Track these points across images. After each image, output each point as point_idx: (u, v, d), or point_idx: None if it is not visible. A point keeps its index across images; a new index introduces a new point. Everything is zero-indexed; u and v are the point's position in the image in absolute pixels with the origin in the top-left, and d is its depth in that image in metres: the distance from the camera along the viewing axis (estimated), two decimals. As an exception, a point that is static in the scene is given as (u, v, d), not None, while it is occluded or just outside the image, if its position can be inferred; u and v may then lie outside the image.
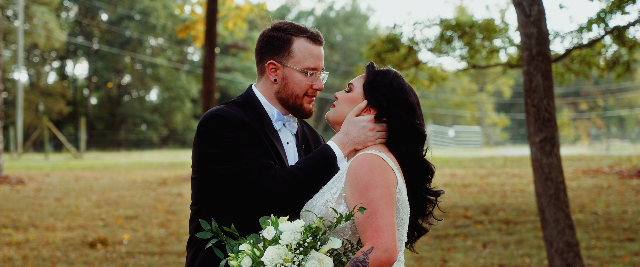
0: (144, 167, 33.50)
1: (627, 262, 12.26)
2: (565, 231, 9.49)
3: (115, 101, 71.51)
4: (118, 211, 18.47)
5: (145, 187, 23.47)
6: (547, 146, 9.50)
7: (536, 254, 12.99)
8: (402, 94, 4.06)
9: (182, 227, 16.21)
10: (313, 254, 3.68)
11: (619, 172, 24.57)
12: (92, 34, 70.80)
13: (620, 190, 20.25)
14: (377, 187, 3.76)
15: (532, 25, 9.51)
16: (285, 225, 3.76)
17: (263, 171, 3.98)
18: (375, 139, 4.06)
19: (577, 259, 9.54)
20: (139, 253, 13.76)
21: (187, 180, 25.24)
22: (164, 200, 20.30)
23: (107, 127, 69.25)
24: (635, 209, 17.04)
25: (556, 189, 9.51)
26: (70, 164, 35.91)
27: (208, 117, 4.12)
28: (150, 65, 70.88)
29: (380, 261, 3.64)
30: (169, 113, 69.71)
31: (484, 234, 14.91)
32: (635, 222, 15.42)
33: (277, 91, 4.27)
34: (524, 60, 9.57)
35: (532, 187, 20.79)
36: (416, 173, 4.09)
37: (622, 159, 30.98)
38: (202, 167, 4.14)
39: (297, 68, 4.21)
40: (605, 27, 16.42)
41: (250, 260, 3.74)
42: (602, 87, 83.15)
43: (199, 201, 4.22)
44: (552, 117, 9.54)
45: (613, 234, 14.47)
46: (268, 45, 4.27)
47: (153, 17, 67.74)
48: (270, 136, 4.19)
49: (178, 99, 69.40)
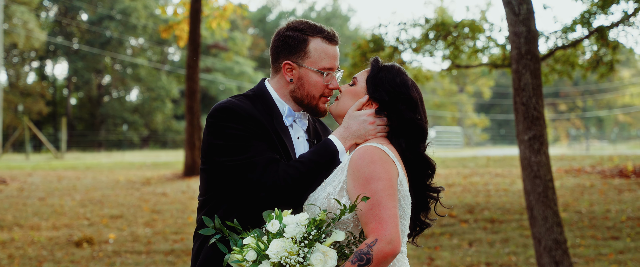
0: (126, 167, 33.39)
1: (613, 260, 12.34)
2: (554, 229, 9.54)
3: (95, 101, 71.15)
4: (103, 210, 18.42)
5: (129, 187, 23.41)
6: (536, 144, 9.54)
7: (522, 253, 13.06)
8: (404, 89, 4.07)
9: (167, 226, 16.19)
10: (317, 246, 3.69)
11: (600, 172, 24.74)
12: (72, 34, 70.43)
13: (602, 189, 20.39)
14: (379, 179, 3.77)
15: (521, 23, 9.55)
16: (289, 218, 3.77)
17: (267, 165, 3.99)
18: (375, 133, 4.07)
19: (565, 257, 9.59)
20: (126, 252, 13.74)
21: (171, 180, 25.20)
22: (148, 199, 20.25)
23: (87, 127, 68.90)
24: (618, 208, 17.16)
25: (544, 186, 9.56)
26: (52, 164, 35.74)
27: (217, 109, 4.13)
28: (131, 66, 70.60)
29: (384, 253, 3.64)
30: (150, 113, 69.43)
31: (469, 232, 14.98)
32: (619, 221, 15.53)
33: (292, 90, 4.27)
34: (513, 58, 9.61)
35: (516, 187, 20.95)
36: (417, 169, 4.11)
37: (604, 159, 31.18)
38: (209, 158, 4.15)
39: (313, 68, 4.20)
40: (588, 27, 16.53)
41: (255, 253, 3.74)
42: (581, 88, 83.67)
43: (207, 192, 4.22)
44: (540, 116, 9.59)
45: (597, 232, 14.58)
46: (284, 45, 4.25)
47: (134, 17, 67.48)
48: (279, 130, 4.19)
49: (159, 100, 69.13)
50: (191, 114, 25.90)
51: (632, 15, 16.18)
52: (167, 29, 27.69)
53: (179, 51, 73.91)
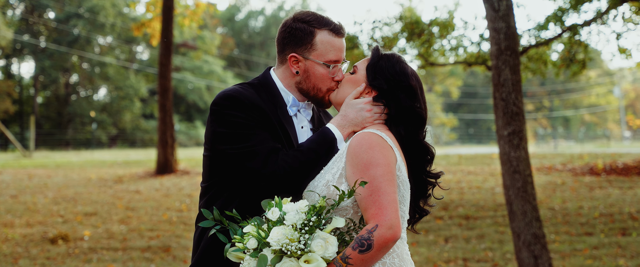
0: (97, 165, 33.18)
1: (588, 255, 12.47)
2: (533, 223, 9.61)
3: (62, 100, 70.56)
4: (76, 207, 18.30)
5: (101, 185, 23.27)
6: (515, 139, 9.59)
7: (498, 248, 13.15)
8: (403, 77, 4.09)
9: (142, 224, 16.13)
10: (318, 233, 3.71)
11: (571, 170, 24.96)
12: (39, 32, 69.82)
13: (574, 187, 20.58)
14: (377, 165, 3.79)
15: (500, 20, 9.60)
16: (289, 206, 3.79)
17: (268, 155, 4.00)
18: (373, 120, 4.09)
19: (544, 251, 9.66)
20: (102, 249, 13.67)
21: (143, 178, 25.09)
22: (122, 197, 20.15)
23: (54, 126, 68.30)
24: (590, 204, 17.32)
25: (524, 181, 9.62)
26: (22, 163, 35.45)
27: (221, 97, 4.12)
28: (99, 64, 70.10)
29: (385, 238, 3.66)
30: (118, 112, 69.00)
31: (444, 229, 15.06)
32: (592, 217, 15.68)
33: (298, 82, 4.26)
34: (493, 54, 9.65)
35: (488, 184, 21.09)
36: (416, 155, 4.13)
37: (574, 157, 31.47)
38: (212, 145, 4.15)
39: (320, 61, 4.20)
40: (561, 25, 16.67)
41: (256, 241, 3.75)
42: (548, 88, 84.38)
43: (209, 178, 4.23)
44: (520, 111, 9.64)
45: (571, 228, 14.71)
46: (290, 37, 4.26)
47: (102, 16, 67.03)
48: (283, 119, 4.19)
49: (127, 98, 68.73)
50: (164, 112, 25.75)
51: (604, 13, 16.35)
52: (139, 27, 27.56)
53: (148, 50, 73.57)
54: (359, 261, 3.67)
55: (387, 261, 3.83)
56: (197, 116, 74.48)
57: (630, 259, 12.11)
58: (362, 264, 3.68)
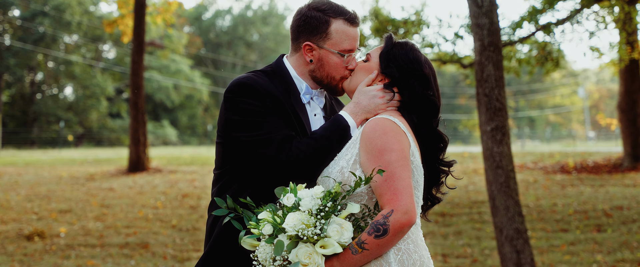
0: (67, 163, 32.93)
1: (565, 251, 12.59)
2: (515, 218, 9.67)
3: (28, 99, 69.86)
4: (50, 204, 18.16)
5: (73, 183, 23.09)
6: (498, 134, 9.65)
7: (476, 244, 13.24)
8: (416, 65, 4.10)
9: (118, 221, 16.06)
10: (333, 219, 3.72)
11: (543, 168, 25.17)
12: (4, 30, 69.06)
13: (546, 184, 20.76)
14: (392, 151, 3.80)
15: (484, 16, 9.64)
16: (304, 192, 3.80)
17: (283, 142, 4.00)
18: (385, 107, 4.09)
19: (526, 246, 9.73)
20: (79, 245, 13.57)
21: (115, 176, 24.94)
22: (96, 194, 20.01)
23: (19, 125, 67.61)
24: (564, 202, 17.49)
25: (506, 176, 9.67)
26: (-11, 161, 35.12)
27: (235, 84, 4.12)
28: (65, 63, 69.48)
29: (401, 223, 3.67)
30: (84, 111, 68.43)
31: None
32: (567, 214, 15.84)
33: (311, 70, 4.27)
34: (476, 50, 9.69)
35: (461, 182, 21.20)
36: (429, 143, 4.14)
37: (544, 156, 31.73)
38: (225, 133, 4.14)
39: (334, 50, 4.20)
40: (536, 24, 16.81)
41: (271, 227, 3.76)
42: (514, 89, 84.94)
43: (222, 166, 4.23)
44: (503, 107, 9.70)
45: (547, 225, 14.85)
46: (305, 25, 4.24)
47: (68, 14, 66.45)
48: (296, 107, 4.19)
49: (93, 97, 68.16)
50: (136, 110, 25.60)
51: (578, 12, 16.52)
52: (111, 24, 27.40)
53: (114, 48, 73.07)
54: (374, 245, 3.68)
55: (402, 247, 3.84)
56: (164, 115, 74.12)
57: (607, 254, 12.25)
58: (377, 249, 3.70)
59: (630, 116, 23.87)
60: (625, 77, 23.77)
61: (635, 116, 23.85)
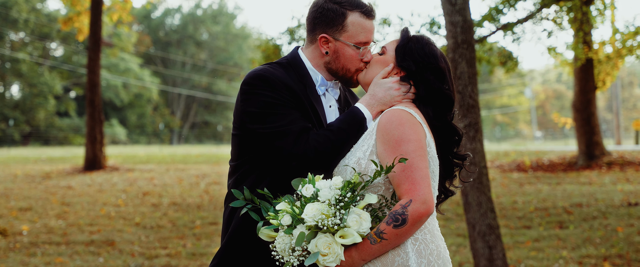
0: (20, 161, 32.51)
1: (531, 247, 12.75)
2: (488, 214, 9.77)
3: (-28, 97, 68.84)
4: (9, 202, 17.92)
5: (30, 181, 22.81)
6: (471, 131, 9.74)
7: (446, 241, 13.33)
8: (432, 59, 4.13)
9: (81, 218, 15.92)
10: (352, 209, 3.74)
11: (499, 166, 25.45)
12: (-51, 27, 67.96)
13: (504, 182, 21.00)
14: (409, 141, 3.82)
15: (457, 13, 9.72)
16: (322, 183, 3.82)
17: (300, 134, 4.01)
18: (401, 99, 4.13)
19: (498, 241, 9.83)
20: (43, 243, 13.41)
21: (72, 174, 24.69)
22: (55, 192, 19.80)
23: (-37, 123, 66.58)
24: (524, 199, 17.71)
25: (479, 173, 9.77)
26: (-63, 160, 34.50)
27: (252, 76, 4.12)
28: (11, 60, 68.51)
29: (419, 213, 3.70)
30: (31, 110, 67.50)
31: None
32: (528, 212, 16.04)
33: (327, 62, 4.28)
34: (449, 47, 9.77)
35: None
36: (444, 136, 4.20)
37: (500, 154, 32.08)
38: (242, 125, 4.14)
39: (350, 43, 4.21)
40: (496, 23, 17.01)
41: (290, 218, 3.77)
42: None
43: (238, 157, 4.23)
44: (475, 104, 9.78)
45: (509, 222, 15.02)
46: (321, 17, 4.25)
47: (14, 11, 65.55)
48: (312, 98, 4.21)
49: (41, 96, 67.28)
50: (92, 107, 25.34)
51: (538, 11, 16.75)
52: (67, 21, 27.06)
53: (62, 47, 72.23)
54: (393, 235, 3.71)
55: (420, 237, 3.86)
56: (113, 114, 73.48)
57: (572, 250, 12.42)
58: (396, 238, 3.73)
59: (585, 115, 24.24)
60: (580, 76, 24.11)
61: (589, 115, 24.23)
